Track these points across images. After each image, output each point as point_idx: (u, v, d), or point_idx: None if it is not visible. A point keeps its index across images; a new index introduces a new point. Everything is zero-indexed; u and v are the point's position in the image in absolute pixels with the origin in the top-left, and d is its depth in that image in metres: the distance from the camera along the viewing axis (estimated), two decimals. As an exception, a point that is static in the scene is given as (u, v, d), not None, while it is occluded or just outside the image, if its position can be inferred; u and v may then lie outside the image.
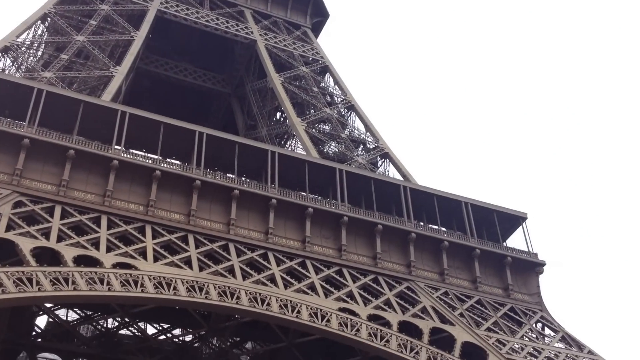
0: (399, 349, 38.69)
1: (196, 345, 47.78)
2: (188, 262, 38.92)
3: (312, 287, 40.99)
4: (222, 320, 44.47)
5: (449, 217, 49.94)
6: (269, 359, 47.88)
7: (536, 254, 49.91)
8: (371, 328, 39.18)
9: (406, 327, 40.98)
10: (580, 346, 44.71)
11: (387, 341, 38.89)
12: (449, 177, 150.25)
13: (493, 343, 41.83)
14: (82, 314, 45.99)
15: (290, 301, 38.66)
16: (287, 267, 41.95)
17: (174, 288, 36.11)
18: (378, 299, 42.40)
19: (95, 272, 34.75)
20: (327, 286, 41.73)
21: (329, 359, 47.49)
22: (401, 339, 39.24)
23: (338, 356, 46.32)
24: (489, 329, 43.30)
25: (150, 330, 49.57)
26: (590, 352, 44.21)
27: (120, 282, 34.84)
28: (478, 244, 48.45)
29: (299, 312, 38.26)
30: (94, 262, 35.97)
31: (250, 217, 43.90)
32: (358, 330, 38.79)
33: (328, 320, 38.54)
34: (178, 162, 45.42)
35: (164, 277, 36.41)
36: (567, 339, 45.28)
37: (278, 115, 64.76)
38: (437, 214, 49.01)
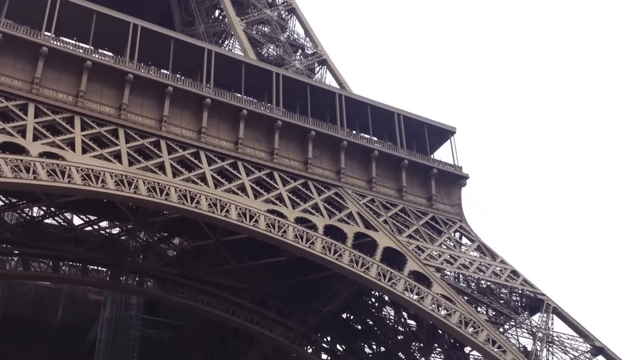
0: (323, 251, 40.09)
1: (123, 238, 48.03)
2: (117, 156, 38.65)
3: (242, 188, 41.55)
4: (150, 215, 44.72)
5: (381, 127, 50.88)
6: (196, 255, 48.72)
7: (460, 167, 51.78)
8: (298, 230, 40.30)
9: (332, 231, 42.32)
10: (493, 255, 47.31)
11: (312, 243, 40.18)
12: (384, 89, 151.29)
13: (413, 249, 43.79)
14: (7, 201, 45.35)
15: (220, 200, 39.20)
16: (218, 167, 42.23)
17: (102, 181, 35.97)
18: (306, 203, 43.41)
19: (21, 160, 34.20)
20: (257, 188, 42.37)
21: (256, 259, 48.74)
22: (326, 242, 40.60)
23: (264, 256, 47.60)
24: (410, 236, 45.20)
25: (77, 221, 49.51)
26: (502, 261, 46.88)
27: (47, 171, 34.43)
28: (407, 155, 49.78)
29: (227, 211, 38.90)
30: (19, 149, 35.30)
31: (183, 116, 43.58)
32: (285, 231, 39.85)
33: (256, 221, 39.39)
34: (110, 54, 44.19)
35: (92, 170, 36.15)
36: (482, 249, 47.78)
37: (217, 13, 63.18)
38: (370, 124, 49.88)
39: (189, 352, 62.90)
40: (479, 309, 42.83)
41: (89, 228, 48.20)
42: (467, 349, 44.51)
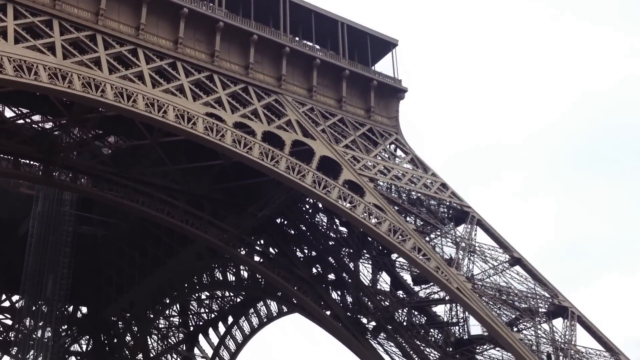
0: (260, 157, 40.52)
1: (56, 133, 47.14)
2: (52, 48, 37.42)
3: (180, 89, 41.09)
4: (84, 112, 43.89)
5: (324, 36, 50.53)
6: (132, 154, 48.39)
7: (400, 81, 52.34)
8: (236, 135, 40.45)
9: (270, 138, 42.63)
10: (425, 168, 48.78)
11: (250, 149, 40.50)
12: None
13: (348, 159, 44.69)
14: None
15: (158, 100, 38.75)
16: (156, 66, 41.47)
17: (35, 73, 34.95)
18: (246, 108, 43.38)
19: (-51, 48, 32.78)
20: (196, 90, 41.96)
21: (192, 161, 48.85)
22: (263, 148, 40.97)
23: (201, 159, 47.73)
24: (346, 146, 45.98)
25: (8, 113, 48.18)
26: (433, 174, 48.44)
27: (-23, 61, 33.19)
28: (348, 65, 49.88)
29: (165, 112, 38.58)
30: (-53, 36, 33.77)
31: (120, 11, 42.18)
32: (223, 135, 39.95)
33: (194, 123, 39.27)
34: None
35: (24, 61, 35.01)
36: (415, 162, 49.15)
37: None
38: (313, 31, 49.45)
39: (122, 250, 63.54)
40: (408, 218, 44.52)
41: (21, 121, 47.08)
42: (394, 256, 46.53)
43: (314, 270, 50.88)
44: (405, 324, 45.94)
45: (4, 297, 68.53)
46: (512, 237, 46.12)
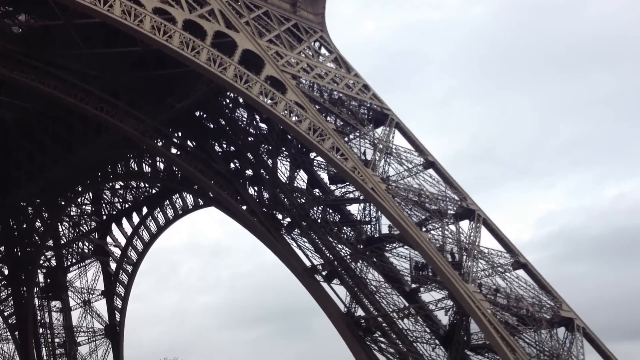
0: (180, 46, 39.21)
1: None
2: None
3: (97, -32, 38.65)
4: (-8, -14, 40.86)
5: None
6: (44, 35, 45.77)
7: (327, -25, 51.07)
8: (155, 21, 38.79)
9: (191, 27, 41.10)
10: (348, 68, 48.62)
11: (170, 37, 39.06)
12: None
13: (272, 54, 43.88)
14: None
15: (72, -22, 36.43)
16: (71, -60, 38.63)
17: None
18: (166, -8, 41.43)
19: None
20: (114, -30, 39.58)
21: (109, 46, 46.79)
22: (184, 37, 39.59)
23: (119, 44, 45.75)
24: (270, 41, 45.05)
25: None
26: (356, 75, 48.39)
27: None
28: (275, -44, 48.14)
29: (80, -9, 36.39)
30: None
31: None
32: (141, 21, 38.25)
33: (111, 6, 37.32)
34: None
35: None
36: (339, 61, 48.83)
37: None
38: None
39: (33, 135, 61.29)
40: (328, 118, 44.70)
41: None
42: (312, 155, 46.95)
43: (232, 165, 50.84)
44: (319, 221, 46.99)
45: None
46: (429, 142, 47.22)
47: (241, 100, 48.79)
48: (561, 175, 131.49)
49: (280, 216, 48.77)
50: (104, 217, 67.32)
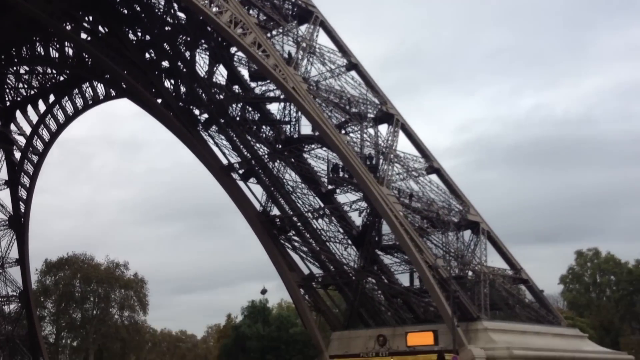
0: None
1: None
2: None
3: None
4: None
5: None
6: None
7: None
8: None
9: None
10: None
11: None
12: None
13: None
14: None
15: None
16: None
17: None
18: None
19: None
20: None
21: None
22: None
23: None
24: None
25: None
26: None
27: None
28: None
29: None
30: None
31: None
32: None
33: None
34: None
35: None
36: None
37: None
38: None
39: None
40: (251, 11, 42.96)
41: None
42: (233, 49, 45.36)
43: (147, 55, 48.60)
44: (238, 119, 46.06)
45: None
46: (359, 43, 46.49)
47: (158, -14, 46.07)
48: (481, 83, 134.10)
49: (197, 112, 47.51)
50: (8, 104, 63.61)
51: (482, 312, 38.65)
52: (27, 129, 63.60)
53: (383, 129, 44.00)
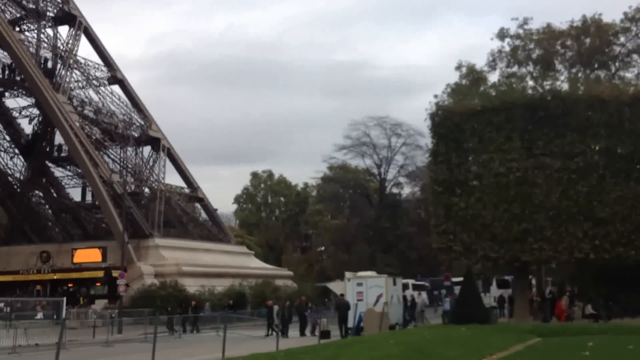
0: None
1: None
2: None
3: None
4: None
5: None
6: None
7: None
8: None
9: None
10: None
11: None
12: None
13: None
14: None
15: None
16: None
17: None
18: None
19: None
20: None
21: None
22: None
23: None
24: None
25: None
26: None
27: None
28: None
29: None
30: None
31: None
32: None
33: None
34: None
35: None
36: None
37: None
38: None
39: None
40: None
41: None
42: None
43: None
44: None
45: None
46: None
47: None
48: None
49: None
50: None
51: (155, 230, 38.72)
52: None
53: (64, 31, 40.66)
